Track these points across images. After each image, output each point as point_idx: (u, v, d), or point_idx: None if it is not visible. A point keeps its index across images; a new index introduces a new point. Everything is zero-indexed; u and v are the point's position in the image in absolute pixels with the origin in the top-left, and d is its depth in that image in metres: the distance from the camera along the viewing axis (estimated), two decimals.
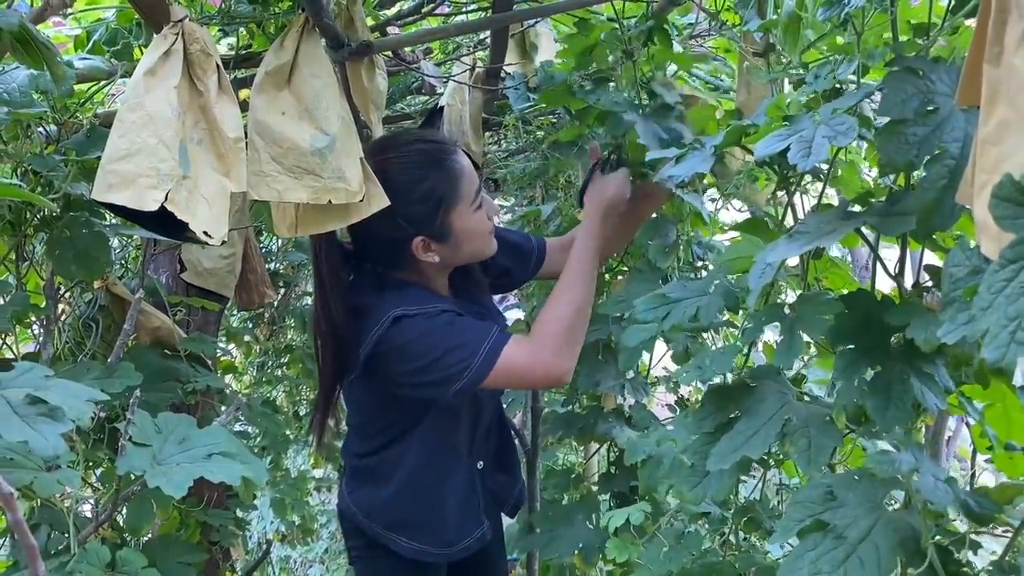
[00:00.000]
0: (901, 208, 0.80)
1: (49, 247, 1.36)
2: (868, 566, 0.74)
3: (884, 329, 0.82)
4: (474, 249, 1.53)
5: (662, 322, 1.12)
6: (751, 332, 1.02)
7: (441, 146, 1.48)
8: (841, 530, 0.77)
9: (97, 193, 1.03)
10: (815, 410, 0.92)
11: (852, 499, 0.80)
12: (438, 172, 1.44)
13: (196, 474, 1.13)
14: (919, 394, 0.76)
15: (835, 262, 1.12)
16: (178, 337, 1.72)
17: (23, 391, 0.98)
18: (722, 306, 1.10)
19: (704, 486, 1.03)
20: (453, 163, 1.45)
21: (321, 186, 1.31)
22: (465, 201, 1.45)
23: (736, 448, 0.93)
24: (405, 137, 1.54)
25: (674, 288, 1.16)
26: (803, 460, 0.87)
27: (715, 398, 1.04)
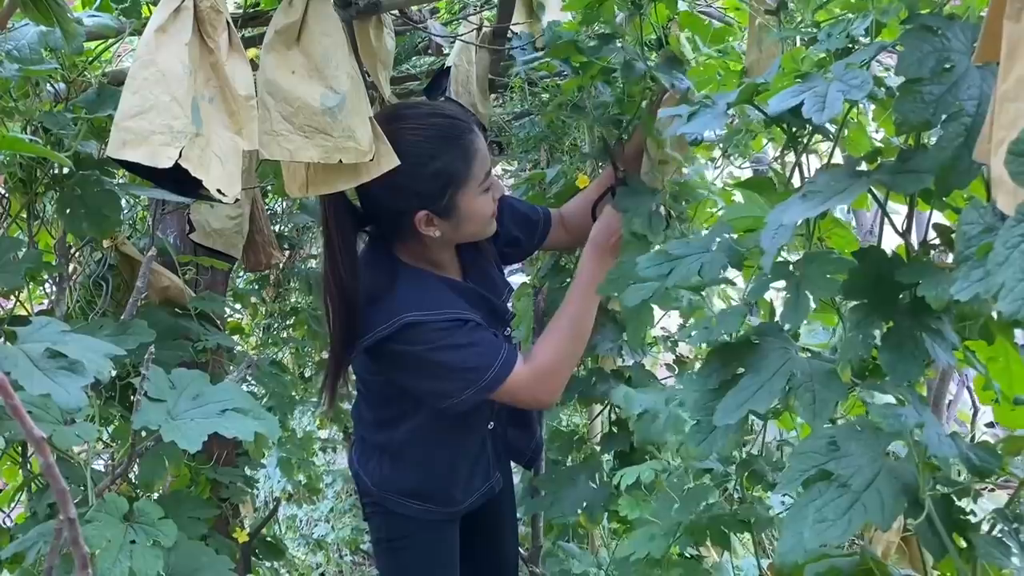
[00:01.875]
0: (914, 166, 0.80)
1: (61, 205, 1.37)
2: (872, 512, 0.75)
3: (894, 286, 0.82)
4: (475, 230, 1.52)
5: (665, 278, 1.12)
6: (755, 291, 1.03)
7: (459, 123, 1.44)
8: (845, 479, 0.78)
9: (112, 150, 1.03)
10: (818, 365, 0.93)
11: (855, 449, 0.81)
12: (453, 150, 1.41)
13: (210, 429, 1.15)
14: (930, 349, 0.77)
15: (839, 222, 1.13)
16: (188, 296, 1.73)
17: (42, 345, 1.00)
18: (725, 263, 1.10)
19: (710, 441, 1.05)
20: (469, 143, 1.43)
21: (332, 145, 1.31)
22: (474, 182, 1.44)
23: (742, 403, 0.94)
24: (424, 108, 1.50)
25: (676, 245, 1.17)
26: (808, 414, 0.88)
27: (719, 355, 1.04)
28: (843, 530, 0.76)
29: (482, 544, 1.93)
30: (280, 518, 3.19)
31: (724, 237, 1.14)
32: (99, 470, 1.45)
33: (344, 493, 3.59)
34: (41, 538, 1.10)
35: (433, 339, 1.43)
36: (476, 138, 1.44)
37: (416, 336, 1.42)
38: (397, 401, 1.59)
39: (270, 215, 2.59)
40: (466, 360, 1.44)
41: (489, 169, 1.47)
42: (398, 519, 1.70)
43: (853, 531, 0.75)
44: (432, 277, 1.53)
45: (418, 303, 1.43)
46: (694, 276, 1.09)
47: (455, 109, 1.50)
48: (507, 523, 1.96)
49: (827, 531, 0.76)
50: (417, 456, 1.67)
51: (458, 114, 1.47)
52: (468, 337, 1.45)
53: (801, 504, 0.79)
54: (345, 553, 3.49)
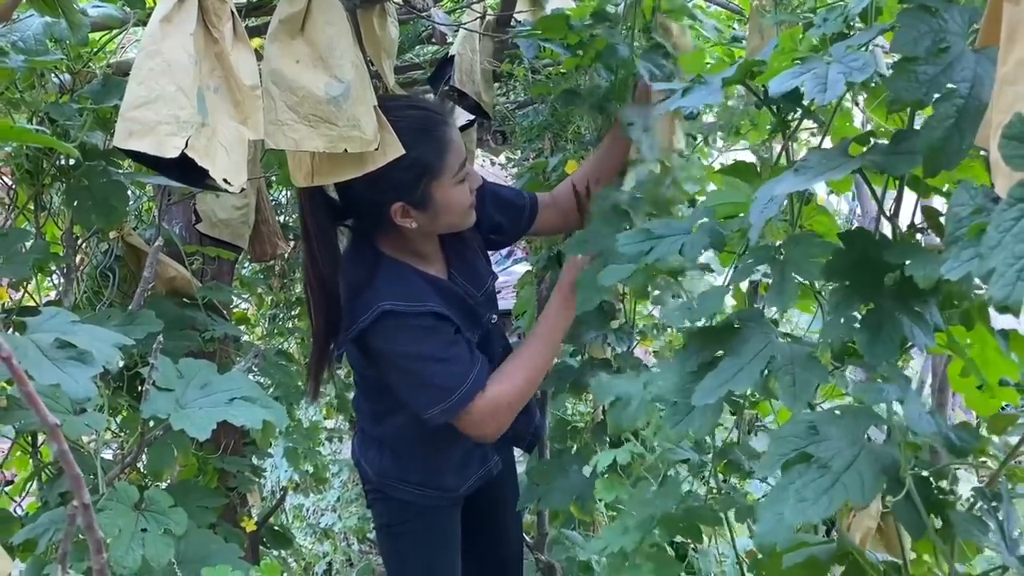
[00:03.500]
0: (907, 147, 0.80)
1: (68, 196, 1.38)
2: (852, 491, 0.75)
3: (878, 267, 0.83)
4: (452, 221, 1.53)
5: (645, 256, 1.12)
6: (740, 273, 1.03)
7: (433, 115, 1.46)
8: (825, 460, 0.78)
9: (118, 140, 1.04)
10: (799, 348, 0.93)
11: (835, 433, 0.81)
12: (426, 141, 1.42)
13: (219, 417, 1.16)
14: (908, 331, 0.78)
15: (823, 209, 1.13)
16: (194, 287, 1.74)
17: (51, 335, 1.01)
18: (707, 243, 1.10)
19: (687, 423, 1.04)
20: (443, 134, 1.44)
21: (337, 134, 1.31)
22: (448, 173, 1.44)
23: (721, 384, 0.93)
24: (398, 101, 1.51)
25: (658, 225, 1.17)
26: (788, 397, 0.88)
27: (699, 338, 1.04)
28: (824, 509, 0.76)
29: (485, 527, 1.95)
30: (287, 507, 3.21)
31: (706, 220, 1.15)
32: (108, 459, 1.46)
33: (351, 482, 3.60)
34: (53, 525, 1.12)
35: (408, 340, 1.44)
36: (450, 130, 1.45)
37: (392, 330, 1.43)
38: (389, 393, 1.60)
39: (274, 205, 2.59)
40: (435, 377, 1.45)
41: (464, 160, 1.47)
42: (397, 504, 1.73)
43: (833, 510, 0.76)
44: (413, 272, 1.54)
45: (396, 294, 1.44)
46: (674, 255, 1.09)
47: (431, 103, 1.54)
48: (509, 505, 1.97)
49: (807, 510, 0.76)
50: (412, 446, 1.69)
51: (432, 106, 1.50)
52: (444, 351, 1.46)
53: (781, 486, 0.80)
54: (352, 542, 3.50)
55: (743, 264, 0.99)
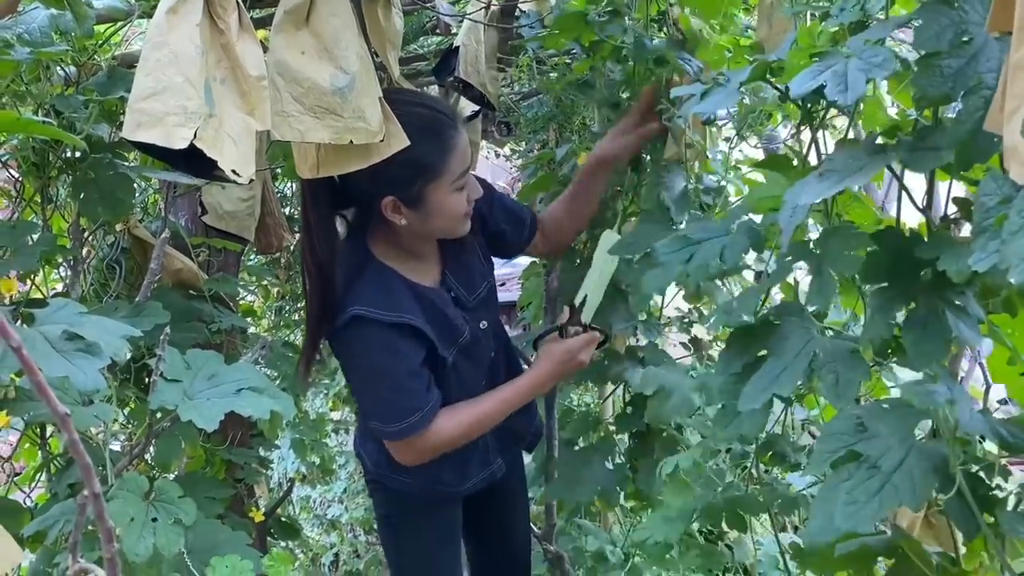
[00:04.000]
0: (932, 142, 0.79)
1: (74, 189, 1.38)
2: (903, 493, 0.75)
3: (914, 264, 0.82)
4: (444, 226, 1.50)
5: (686, 264, 1.12)
6: (778, 273, 1.02)
7: (442, 116, 1.43)
8: (875, 460, 0.78)
9: (127, 132, 1.04)
10: (840, 344, 0.93)
11: (883, 430, 0.81)
12: (430, 141, 1.39)
13: (227, 408, 1.16)
14: (954, 327, 0.77)
15: (858, 197, 1.12)
16: (201, 279, 1.74)
17: (59, 327, 1.01)
18: (747, 246, 1.10)
19: (736, 426, 1.05)
20: (449, 137, 1.41)
21: (342, 126, 1.31)
22: (447, 178, 1.41)
23: (766, 386, 0.93)
24: (411, 96, 1.49)
25: (695, 229, 1.16)
26: (831, 394, 0.87)
27: (740, 338, 1.04)
28: (874, 511, 0.75)
29: (493, 527, 1.95)
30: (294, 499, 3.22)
31: (744, 219, 1.14)
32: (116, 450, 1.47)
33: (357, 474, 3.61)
34: (62, 516, 1.12)
35: (373, 350, 1.44)
36: (457, 135, 1.42)
37: (359, 336, 1.43)
38: None
39: (280, 198, 2.59)
40: (386, 399, 1.46)
41: (467, 169, 1.45)
42: (396, 496, 1.74)
43: (884, 513, 0.75)
44: (397, 279, 1.51)
45: (373, 301, 1.43)
46: (715, 260, 1.09)
47: (443, 104, 1.48)
48: (518, 506, 1.97)
49: (858, 513, 0.75)
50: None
51: (444, 109, 1.46)
52: (403, 380, 1.46)
53: (830, 486, 0.79)
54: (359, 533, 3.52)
55: (781, 263, 0.99)
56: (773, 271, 0.99)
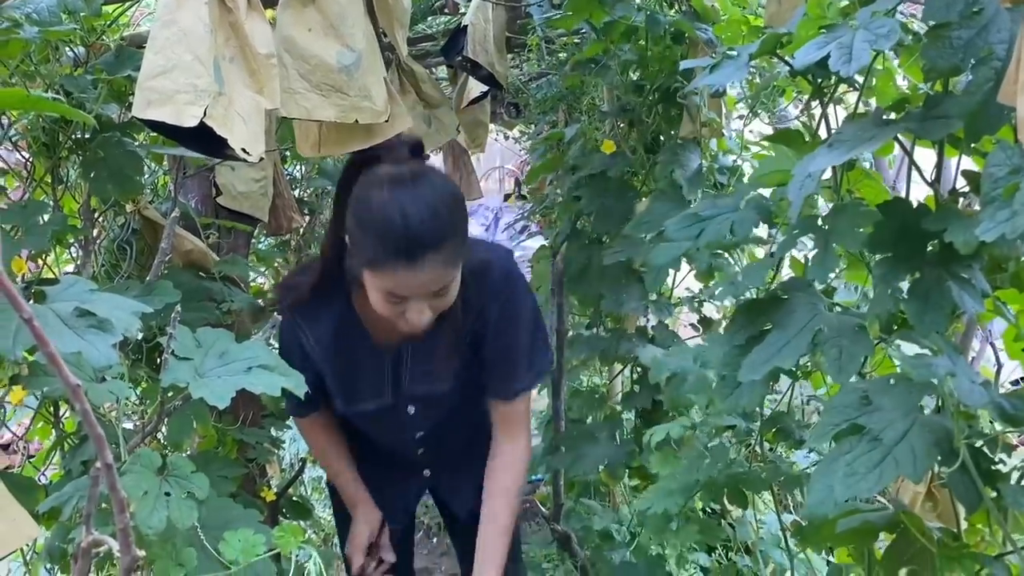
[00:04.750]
0: (941, 112, 0.79)
1: (85, 169, 1.38)
2: (904, 466, 0.75)
3: (921, 236, 0.82)
4: (377, 314, 1.34)
5: (696, 239, 1.12)
6: (785, 245, 1.02)
7: (408, 242, 1.21)
8: (877, 433, 0.78)
9: (137, 110, 1.04)
10: (846, 320, 0.93)
11: (887, 403, 0.81)
12: (384, 244, 1.23)
13: (238, 385, 1.17)
14: (957, 298, 0.77)
15: (868, 173, 1.12)
16: (211, 260, 1.75)
17: (71, 304, 1.01)
18: (756, 221, 1.10)
19: (736, 396, 1.05)
20: (396, 259, 1.22)
21: (348, 104, 1.31)
22: (371, 277, 1.27)
23: (768, 359, 0.94)
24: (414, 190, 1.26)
25: (705, 206, 1.16)
26: (834, 369, 0.88)
27: (746, 312, 1.04)
28: (874, 483, 0.76)
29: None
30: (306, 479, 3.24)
31: (754, 194, 1.14)
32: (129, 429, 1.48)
33: None
34: (77, 492, 1.13)
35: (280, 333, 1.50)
36: (401, 269, 1.23)
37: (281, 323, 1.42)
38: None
39: (289, 179, 2.60)
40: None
41: (397, 297, 1.27)
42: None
43: (884, 485, 0.76)
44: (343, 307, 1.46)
45: (304, 305, 1.45)
46: (725, 236, 1.09)
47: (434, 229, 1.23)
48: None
49: (857, 484, 0.76)
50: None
51: (422, 236, 1.21)
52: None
53: (831, 458, 0.79)
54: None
55: (788, 235, 0.99)
56: (780, 243, 0.99)
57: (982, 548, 0.88)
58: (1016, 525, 0.82)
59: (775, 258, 1.05)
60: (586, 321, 2.31)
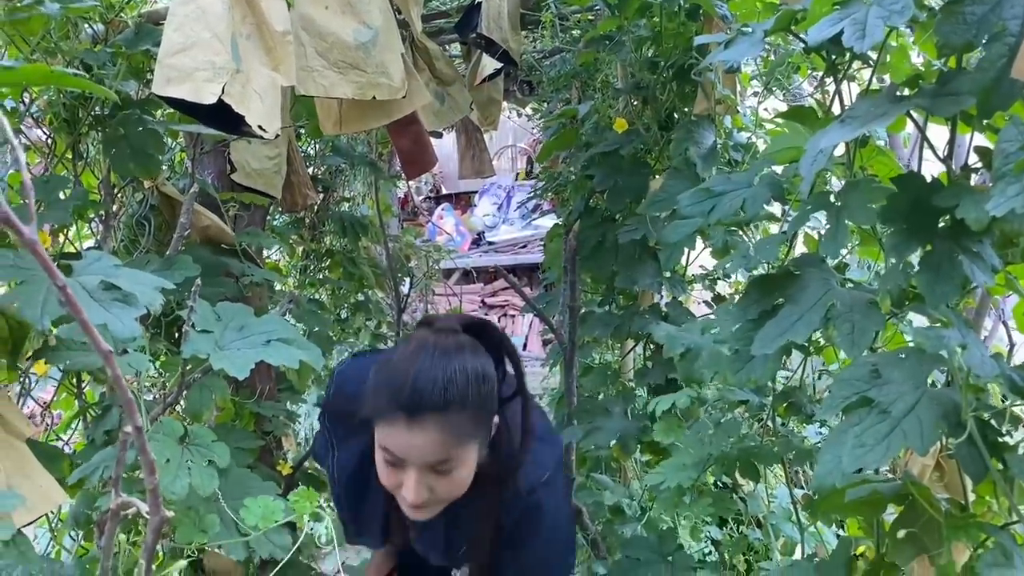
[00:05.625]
0: (953, 88, 0.80)
1: (105, 146, 1.40)
2: (911, 438, 0.76)
3: (933, 211, 0.83)
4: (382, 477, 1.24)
5: (708, 215, 1.13)
6: (797, 221, 1.03)
7: (408, 397, 1.13)
8: (886, 405, 0.79)
9: (157, 87, 1.06)
10: (858, 295, 0.94)
11: (897, 376, 0.82)
12: (376, 395, 1.17)
13: (257, 358, 1.19)
14: (968, 271, 0.78)
15: (881, 150, 1.12)
16: (228, 235, 1.77)
17: (96, 278, 1.04)
18: (768, 197, 1.11)
19: (748, 370, 1.06)
20: (393, 415, 1.14)
21: (366, 81, 1.32)
22: (377, 430, 1.18)
23: (781, 332, 0.95)
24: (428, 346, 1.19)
25: (718, 181, 1.17)
26: (846, 343, 0.89)
27: (759, 286, 1.05)
28: (881, 455, 0.77)
29: None
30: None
31: (767, 171, 1.14)
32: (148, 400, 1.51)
33: None
34: (103, 462, 1.16)
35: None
36: (401, 424, 1.13)
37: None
38: None
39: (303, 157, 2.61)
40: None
41: (394, 456, 1.16)
42: None
43: (891, 456, 0.77)
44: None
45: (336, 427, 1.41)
46: (737, 211, 1.10)
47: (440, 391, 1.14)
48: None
49: (865, 456, 0.77)
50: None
51: (427, 396, 1.13)
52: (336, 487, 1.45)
53: (840, 430, 0.81)
54: None
55: (800, 211, 0.99)
56: (793, 219, 1.00)
57: (988, 518, 0.90)
58: (1022, 496, 0.83)
59: (788, 233, 1.06)
60: (598, 299, 2.32)
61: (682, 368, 1.51)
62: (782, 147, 1.20)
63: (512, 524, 1.32)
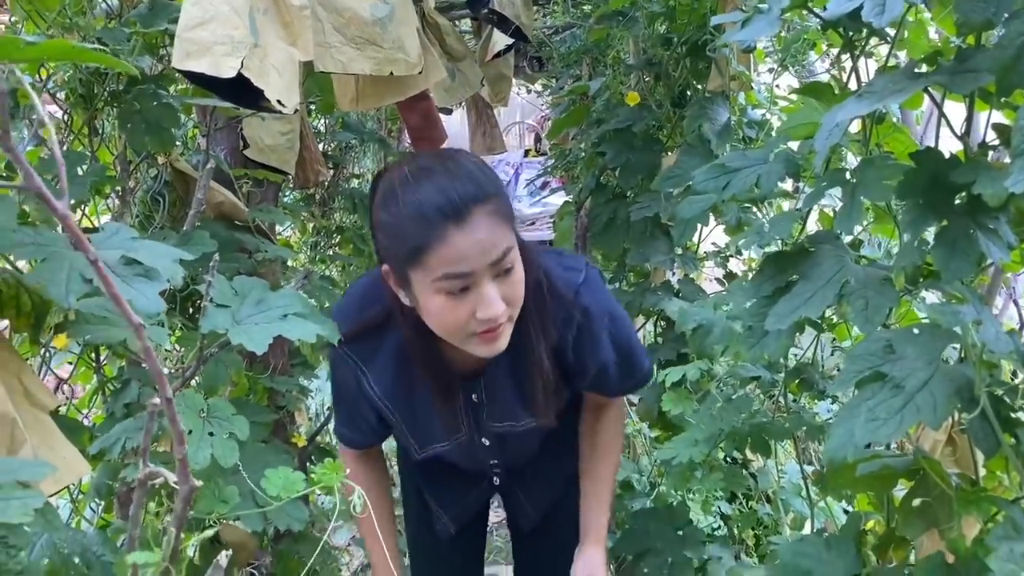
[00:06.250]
0: (972, 65, 0.80)
1: (121, 121, 1.41)
2: (924, 413, 0.77)
3: (949, 187, 0.83)
4: (438, 328, 1.19)
5: (722, 191, 1.14)
6: (812, 197, 1.04)
7: (447, 206, 1.09)
8: (899, 380, 0.80)
9: (176, 61, 1.06)
10: (873, 272, 0.95)
11: (911, 352, 0.83)
12: (418, 225, 1.10)
13: (274, 332, 1.20)
14: (984, 247, 0.78)
15: (898, 127, 1.12)
16: (242, 211, 1.78)
17: (117, 252, 1.05)
18: (783, 174, 1.11)
19: (761, 346, 1.07)
20: (440, 230, 1.09)
21: (383, 57, 1.33)
22: (425, 273, 1.12)
23: (795, 308, 0.96)
24: (436, 161, 1.17)
25: (733, 158, 1.17)
26: (860, 320, 0.90)
27: (774, 262, 1.06)
28: (894, 429, 0.78)
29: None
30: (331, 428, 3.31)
31: (782, 147, 1.15)
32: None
33: None
34: (124, 433, 1.18)
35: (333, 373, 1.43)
36: (455, 232, 1.09)
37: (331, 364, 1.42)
38: None
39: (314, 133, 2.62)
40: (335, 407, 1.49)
41: (462, 274, 1.10)
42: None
43: (904, 430, 0.78)
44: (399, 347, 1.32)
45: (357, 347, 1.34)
46: (752, 188, 1.10)
47: (473, 185, 1.12)
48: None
49: (878, 430, 0.78)
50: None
51: (455, 195, 1.10)
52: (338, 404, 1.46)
53: (853, 404, 0.81)
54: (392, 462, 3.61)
55: (815, 187, 1.00)
56: (808, 195, 1.00)
57: (999, 493, 0.91)
58: None
59: (802, 209, 1.07)
60: (610, 276, 2.33)
61: (694, 343, 1.53)
62: (797, 123, 1.21)
63: (575, 337, 1.31)
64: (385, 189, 1.17)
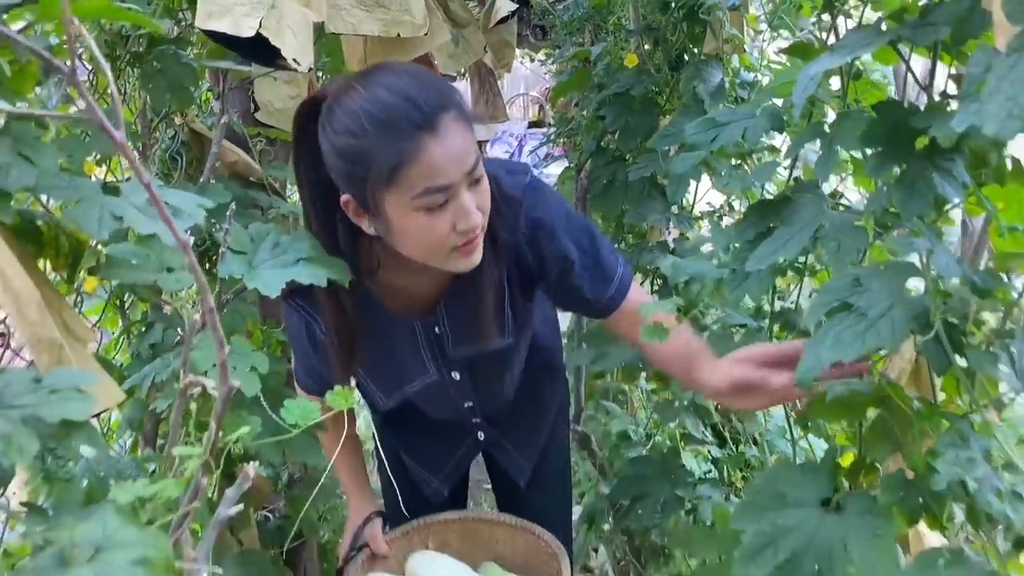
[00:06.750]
0: (932, 19, 0.87)
1: (144, 80, 1.49)
2: (884, 335, 0.85)
3: (911, 133, 0.91)
4: (414, 251, 1.16)
5: (710, 144, 1.22)
6: (794, 147, 1.11)
7: (414, 112, 1.04)
8: (864, 309, 0.88)
9: (199, 21, 1.14)
10: (846, 217, 1.03)
11: (876, 285, 0.91)
12: (384, 138, 1.05)
13: (287, 277, 1.28)
14: (940, 188, 0.86)
15: (874, 83, 1.19)
16: (255, 170, 1.86)
17: (144, 196, 1.13)
18: (768, 127, 1.19)
19: (744, 288, 1.15)
20: (412, 140, 1.04)
21: (390, 19, 1.40)
22: (403, 192, 1.07)
23: (774, 251, 1.04)
24: (388, 75, 1.09)
25: (722, 113, 1.25)
26: (832, 260, 0.98)
27: (757, 210, 1.14)
28: (857, 350, 0.86)
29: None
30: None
31: (768, 103, 1.22)
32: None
33: None
34: (153, 371, 1.27)
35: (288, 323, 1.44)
36: (428, 140, 1.05)
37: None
38: None
39: None
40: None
41: (442, 186, 1.07)
42: None
43: (865, 351, 0.86)
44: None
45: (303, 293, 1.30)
46: (738, 141, 1.18)
47: (431, 93, 1.07)
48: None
49: (843, 350, 0.86)
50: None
51: (423, 101, 1.05)
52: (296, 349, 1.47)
53: (822, 331, 0.90)
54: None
55: (796, 140, 1.08)
56: (790, 146, 1.08)
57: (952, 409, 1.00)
58: (983, 392, 0.93)
59: (784, 158, 1.14)
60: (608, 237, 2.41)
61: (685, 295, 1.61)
62: (783, 81, 1.28)
63: (528, 234, 1.28)
64: (337, 114, 1.08)
